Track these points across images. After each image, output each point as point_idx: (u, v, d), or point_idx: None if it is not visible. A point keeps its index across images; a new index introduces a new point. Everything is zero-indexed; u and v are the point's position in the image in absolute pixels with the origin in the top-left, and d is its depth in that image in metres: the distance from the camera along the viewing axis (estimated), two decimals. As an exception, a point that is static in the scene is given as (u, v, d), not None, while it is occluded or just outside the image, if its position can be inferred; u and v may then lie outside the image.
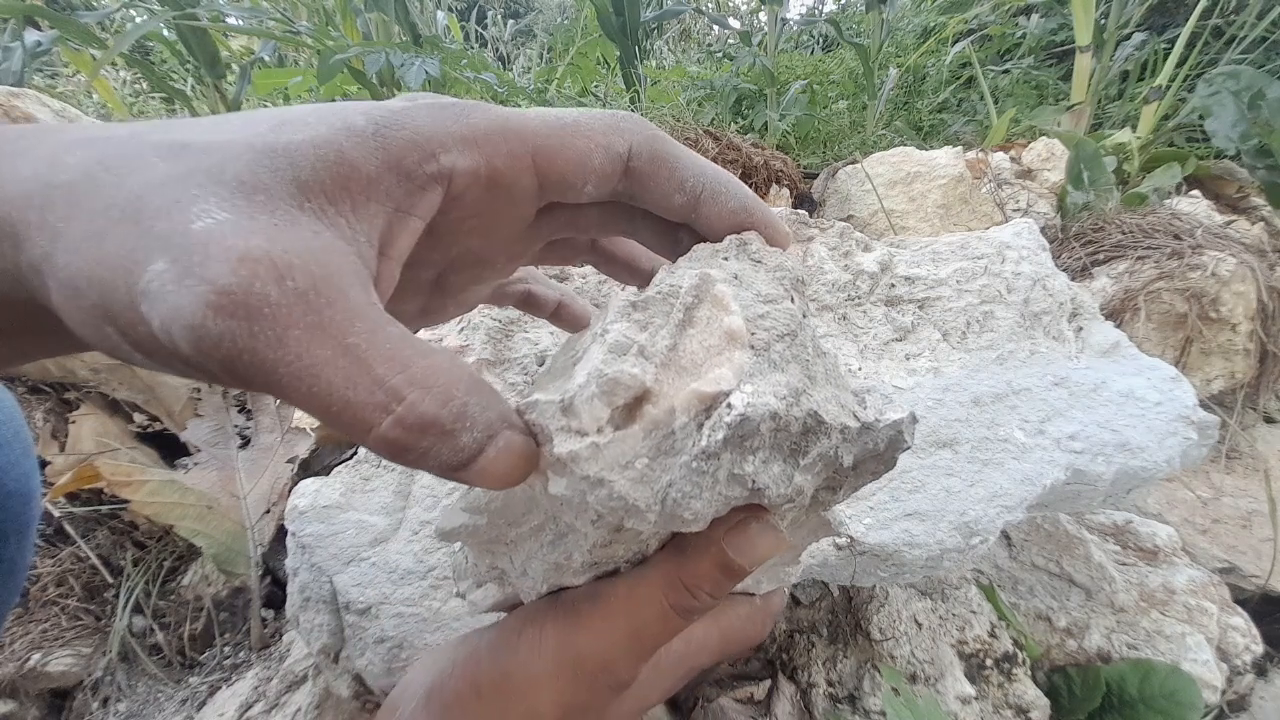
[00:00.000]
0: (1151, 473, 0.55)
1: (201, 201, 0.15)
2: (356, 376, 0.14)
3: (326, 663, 0.53)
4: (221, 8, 1.48)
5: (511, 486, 0.18)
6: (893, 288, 0.65)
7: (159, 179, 0.15)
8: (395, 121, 0.18)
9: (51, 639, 0.70)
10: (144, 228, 0.14)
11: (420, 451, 0.15)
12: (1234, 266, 1.01)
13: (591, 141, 0.20)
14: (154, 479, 0.74)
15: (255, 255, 0.14)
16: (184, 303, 0.13)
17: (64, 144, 0.16)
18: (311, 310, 0.14)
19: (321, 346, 0.14)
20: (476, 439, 0.16)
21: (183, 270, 0.14)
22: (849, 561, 0.49)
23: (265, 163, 0.16)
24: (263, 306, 0.14)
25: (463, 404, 0.16)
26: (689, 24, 3.09)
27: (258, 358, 0.14)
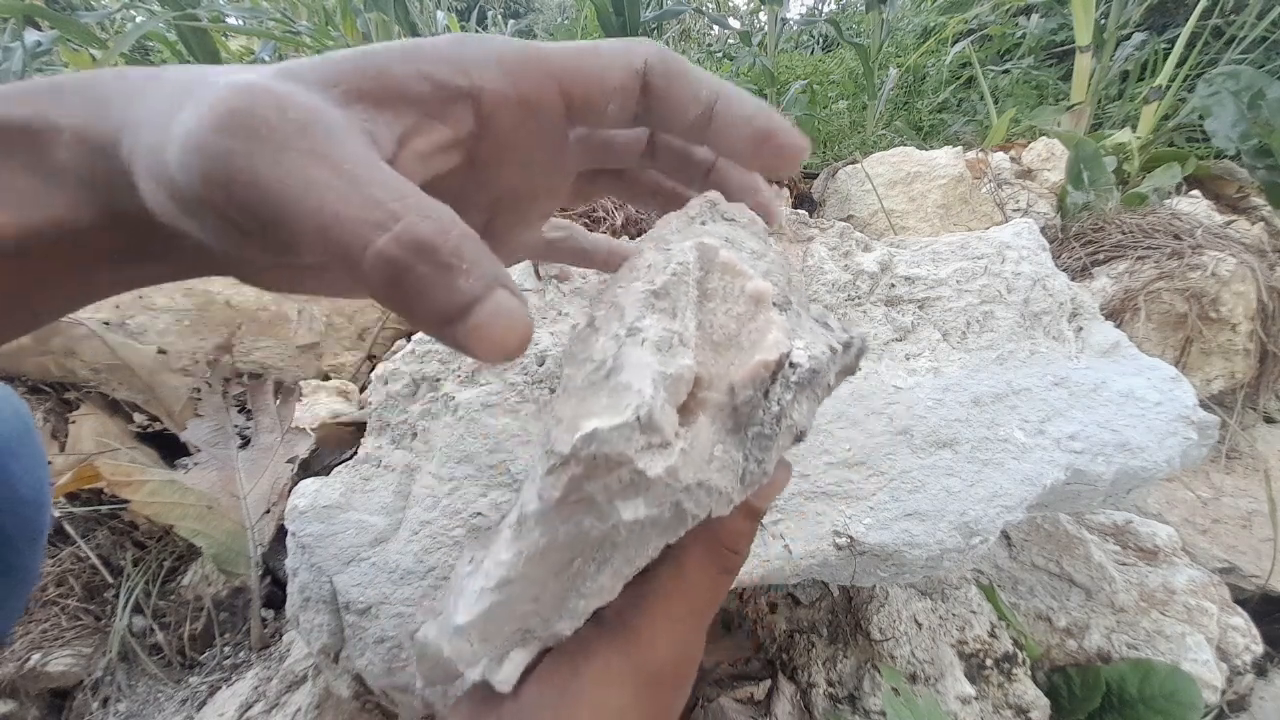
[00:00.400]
0: (1151, 473, 0.55)
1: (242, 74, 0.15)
2: (353, 195, 0.14)
3: (326, 663, 0.53)
4: (221, 8, 1.48)
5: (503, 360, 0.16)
6: (893, 288, 0.65)
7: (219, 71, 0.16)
8: (438, 45, 0.19)
9: (51, 639, 0.70)
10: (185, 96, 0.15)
11: (417, 279, 0.14)
12: (1234, 266, 1.01)
13: (609, 60, 0.21)
14: (154, 479, 0.74)
15: (259, 87, 0.15)
16: (192, 125, 0.14)
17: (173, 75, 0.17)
18: (309, 138, 0.14)
19: (318, 168, 0.14)
20: (473, 286, 0.15)
21: (200, 102, 0.14)
22: (849, 561, 0.49)
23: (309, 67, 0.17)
24: (261, 128, 0.14)
25: (459, 240, 0.15)
26: (689, 24, 3.09)
27: (256, 176, 0.14)
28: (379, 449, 0.56)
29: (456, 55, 0.19)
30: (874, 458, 0.52)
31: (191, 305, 0.86)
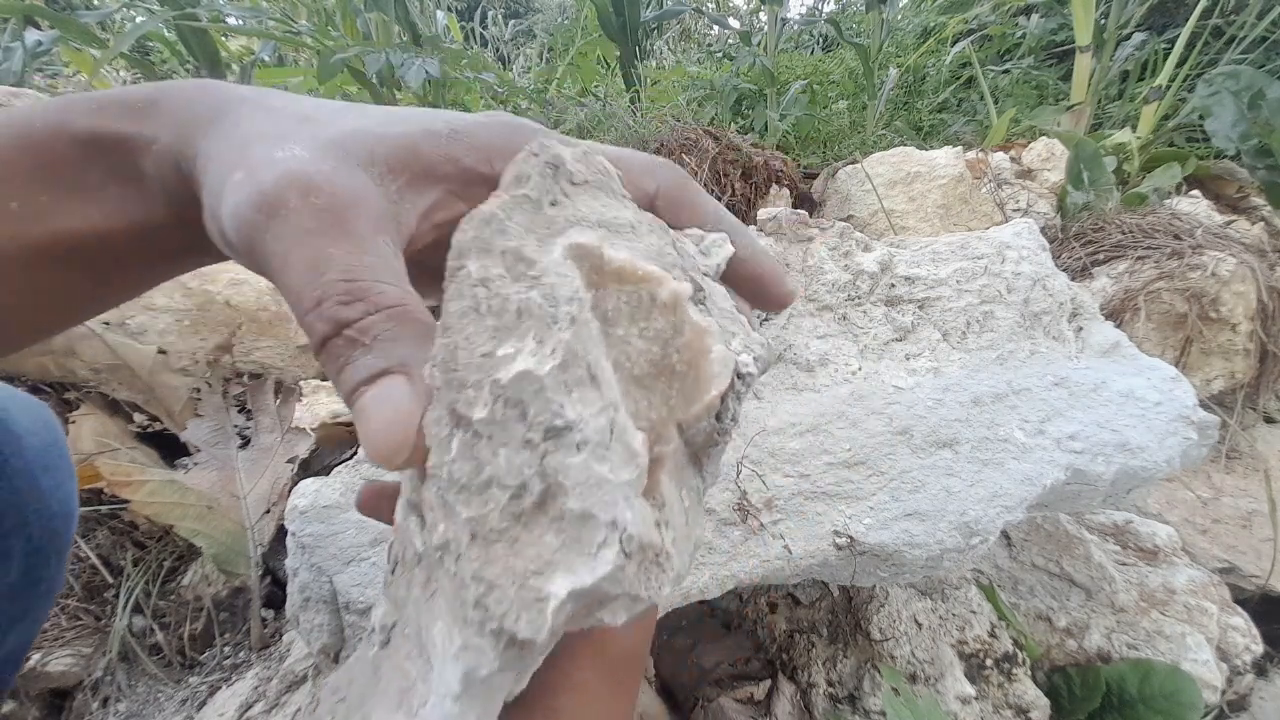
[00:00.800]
0: (1151, 473, 0.55)
1: (294, 146, 0.19)
2: (314, 275, 0.17)
3: (326, 663, 0.53)
4: (221, 8, 1.48)
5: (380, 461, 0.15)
6: (893, 288, 0.65)
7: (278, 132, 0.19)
8: (467, 130, 0.21)
9: (51, 639, 0.70)
10: (245, 154, 0.18)
11: (332, 352, 0.17)
12: (1234, 266, 1.01)
13: (627, 176, 0.23)
14: (154, 479, 0.74)
15: (297, 175, 0.18)
16: (238, 200, 0.17)
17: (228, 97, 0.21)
18: (318, 222, 0.17)
19: (305, 249, 0.17)
20: (371, 363, 0.16)
21: (249, 175, 0.18)
22: (849, 561, 0.49)
23: (355, 140, 0.20)
24: (283, 209, 0.17)
25: (372, 323, 0.17)
26: (689, 24, 3.09)
27: (265, 248, 0.17)
28: (379, 449, 0.55)
29: (490, 146, 0.21)
30: (874, 458, 0.52)
31: (191, 305, 0.86)
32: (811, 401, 0.57)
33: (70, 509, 0.44)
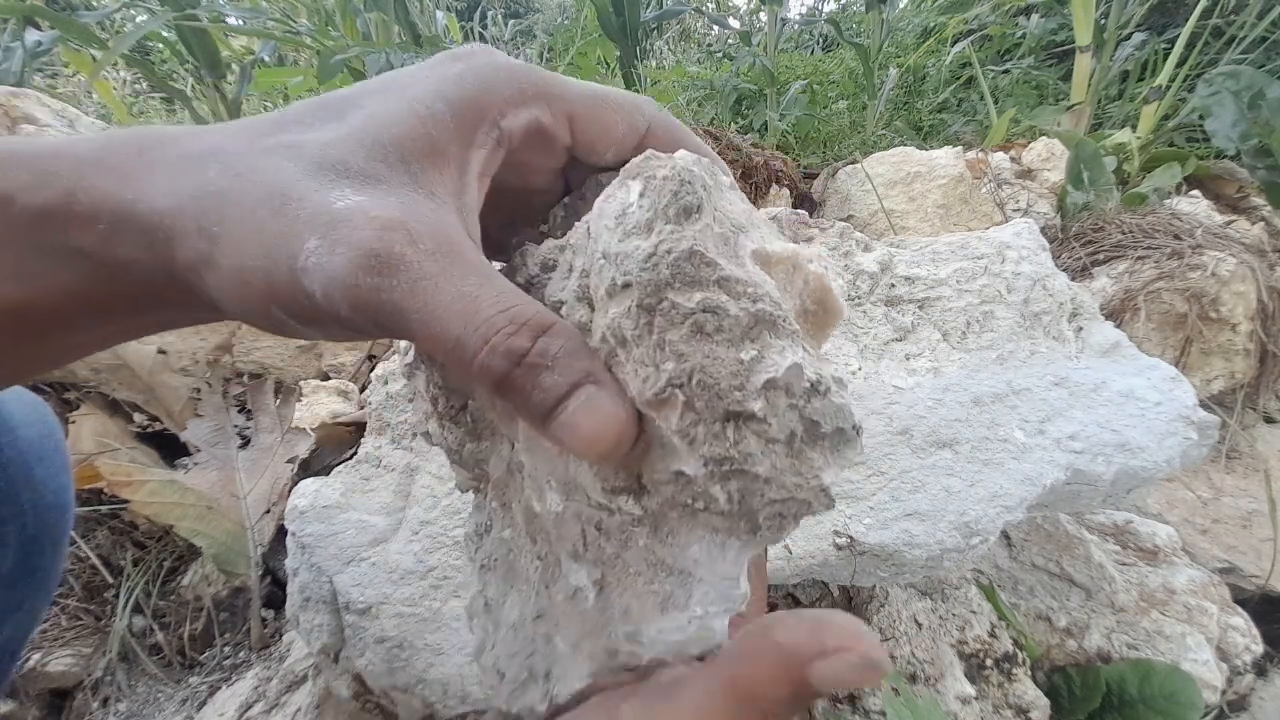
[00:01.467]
0: (1151, 473, 0.55)
1: (337, 189, 0.18)
2: (468, 317, 0.17)
3: (326, 663, 0.53)
4: (221, 8, 1.48)
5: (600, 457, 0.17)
6: (893, 288, 0.65)
7: (294, 176, 0.18)
8: (465, 98, 0.20)
9: (51, 639, 0.70)
10: (292, 216, 0.17)
11: (515, 383, 0.17)
12: (1234, 266, 1.01)
13: (618, 115, 0.23)
14: (154, 479, 0.74)
15: (394, 223, 0.17)
16: (339, 268, 0.17)
17: (193, 157, 0.19)
18: (438, 265, 0.17)
19: (443, 292, 0.17)
20: (558, 382, 0.17)
21: (333, 241, 0.17)
22: (849, 561, 0.49)
23: (378, 155, 0.19)
24: (400, 263, 0.17)
25: (546, 343, 0.17)
26: (689, 24, 3.09)
27: (397, 306, 0.17)
28: (379, 449, 0.56)
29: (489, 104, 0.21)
30: (874, 458, 0.52)
31: (191, 305, 0.86)
32: (811, 401, 0.57)
33: (66, 500, 0.44)
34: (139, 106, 2.72)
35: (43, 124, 0.97)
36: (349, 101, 0.20)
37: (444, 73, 0.21)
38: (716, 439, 0.17)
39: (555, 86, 0.22)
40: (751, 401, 0.17)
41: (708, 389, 0.17)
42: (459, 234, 0.19)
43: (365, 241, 0.17)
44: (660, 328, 0.17)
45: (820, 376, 0.17)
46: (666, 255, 0.17)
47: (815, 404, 0.17)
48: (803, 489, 0.17)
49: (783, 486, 0.17)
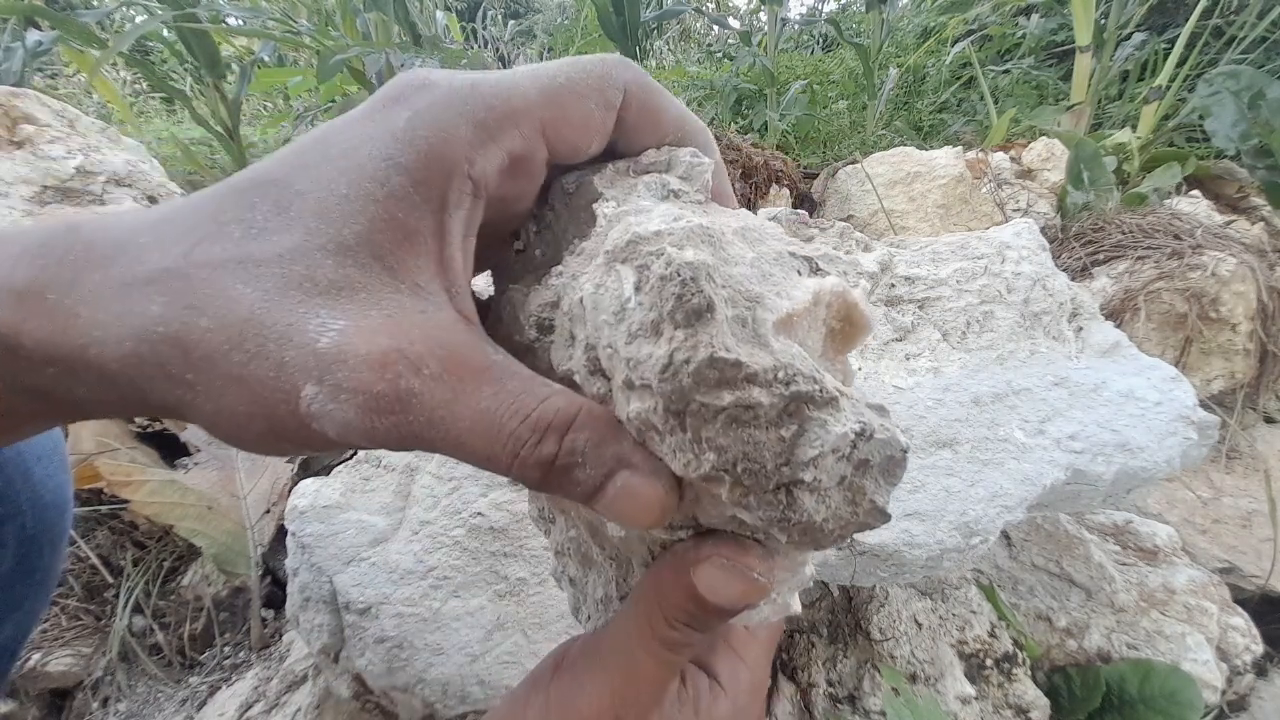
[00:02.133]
0: (1151, 473, 0.55)
1: (313, 315, 0.17)
2: (491, 436, 0.17)
3: (326, 663, 0.53)
4: (221, 8, 1.48)
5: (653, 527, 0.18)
6: (893, 288, 0.65)
7: (258, 305, 0.16)
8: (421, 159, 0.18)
9: (51, 639, 0.70)
10: (275, 360, 0.16)
11: (553, 484, 0.18)
12: (1234, 266, 1.01)
13: (590, 101, 0.20)
14: (154, 479, 0.74)
15: (391, 357, 0.16)
16: (349, 415, 0.16)
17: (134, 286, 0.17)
18: (449, 390, 0.17)
19: (461, 419, 0.17)
20: (590, 476, 0.17)
21: (333, 388, 0.16)
22: (849, 561, 0.49)
23: (348, 260, 0.17)
24: (410, 399, 0.16)
25: (573, 441, 0.17)
26: (689, 24, 3.09)
27: (419, 438, 0.17)
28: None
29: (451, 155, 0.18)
30: (874, 458, 0.52)
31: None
32: (811, 401, 0.57)
33: (64, 499, 0.44)
34: (139, 106, 2.72)
35: (43, 124, 0.97)
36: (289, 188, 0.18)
37: (388, 127, 0.18)
38: (770, 505, 0.17)
39: (516, 99, 0.19)
40: (801, 473, 0.17)
41: (754, 472, 0.17)
42: (458, 335, 0.18)
43: (367, 384, 0.16)
44: (693, 426, 0.17)
45: (864, 424, 0.17)
46: (685, 365, 0.16)
47: (862, 448, 0.17)
48: (859, 515, 0.18)
49: (840, 520, 0.18)
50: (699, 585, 0.19)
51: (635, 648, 0.21)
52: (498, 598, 0.49)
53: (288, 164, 0.18)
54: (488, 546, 0.51)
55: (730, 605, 0.19)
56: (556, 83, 0.20)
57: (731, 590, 0.19)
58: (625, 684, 0.21)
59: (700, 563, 0.19)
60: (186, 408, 0.17)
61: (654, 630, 0.21)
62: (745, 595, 0.19)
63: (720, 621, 0.21)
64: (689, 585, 0.19)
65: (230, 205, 0.18)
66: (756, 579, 0.19)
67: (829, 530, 0.18)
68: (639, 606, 0.21)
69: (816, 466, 0.17)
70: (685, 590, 0.19)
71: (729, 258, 0.18)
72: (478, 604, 0.49)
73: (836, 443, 0.17)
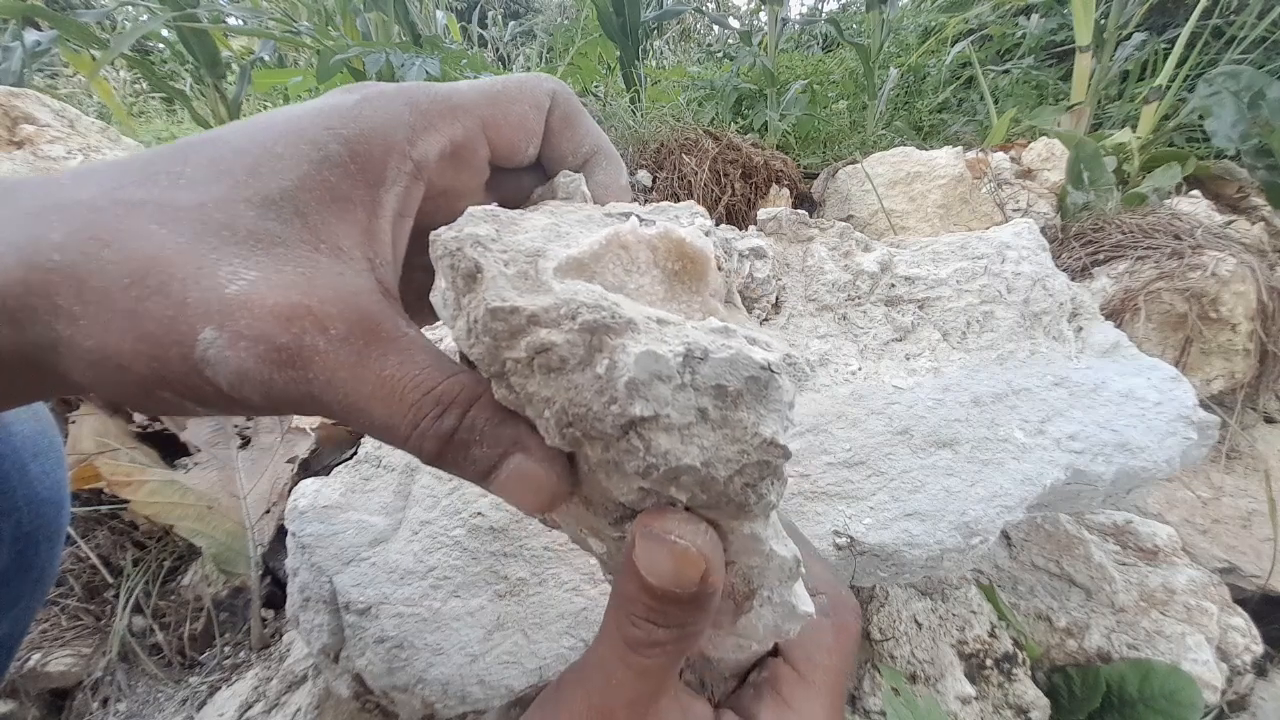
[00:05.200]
0: (1151, 473, 0.55)
1: (225, 262, 0.16)
2: (393, 404, 0.17)
3: (326, 663, 0.53)
4: (221, 8, 1.49)
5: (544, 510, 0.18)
6: (893, 288, 0.65)
7: (170, 245, 0.16)
8: (363, 133, 0.18)
9: (51, 639, 0.70)
10: (177, 299, 0.15)
11: (448, 459, 0.18)
12: (1234, 266, 1.01)
13: (525, 105, 0.22)
14: (154, 479, 0.74)
15: (299, 311, 0.16)
16: (247, 364, 0.15)
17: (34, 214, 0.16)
18: (352, 353, 0.16)
19: (363, 382, 0.16)
20: (487, 454, 0.18)
21: (234, 334, 0.15)
22: (849, 561, 0.49)
23: (271, 212, 0.17)
24: (313, 356, 0.16)
25: (473, 419, 0.17)
26: (689, 24, 3.09)
27: (315, 399, 0.16)
28: (379, 448, 0.56)
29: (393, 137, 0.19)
30: (874, 458, 0.52)
31: (191, 305, 0.86)
32: (811, 401, 0.57)
33: (61, 496, 0.43)
34: (139, 106, 2.72)
35: (42, 124, 0.97)
36: (226, 145, 0.18)
37: (335, 105, 0.19)
38: (630, 454, 0.17)
39: (457, 97, 0.20)
40: (632, 407, 0.16)
41: (590, 419, 0.16)
42: (372, 301, 0.17)
43: (270, 335, 0.15)
44: (518, 386, 0.17)
45: (690, 344, 0.17)
46: (476, 325, 0.17)
47: (705, 371, 0.16)
48: (749, 453, 0.17)
49: (728, 461, 0.17)
50: (640, 568, 0.18)
51: (608, 655, 0.20)
52: (498, 598, 0.49)
53: (232, 128, 0.19)
54: (488, 546, 0.51)
55: (675, 585, 0.18)
56: (494, 88, 0.21)
57: (663, 563, 0.18)
58: (601, 695, 0.20)
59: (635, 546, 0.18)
60: (64, 345, 0.16)
61: (620, 632, 0.19)
62: (679, 568, 0.18)
63: (682, 613, 0.19)
64: (636, 572, 0.18)
65: (164, 158, 0.18)
66: (677, 542, 0.17)
67: (722, 477, 0.17)
68: (608, 612, 0.20)
69: (647, 398, 0.16)
70: (636, 580, 0.18)
71: (518, 229, 0.19)
72: (478, 604, 0.49)
73: (651, 365, 0.16)
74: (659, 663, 0.19)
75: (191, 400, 0.17)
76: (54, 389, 0.18)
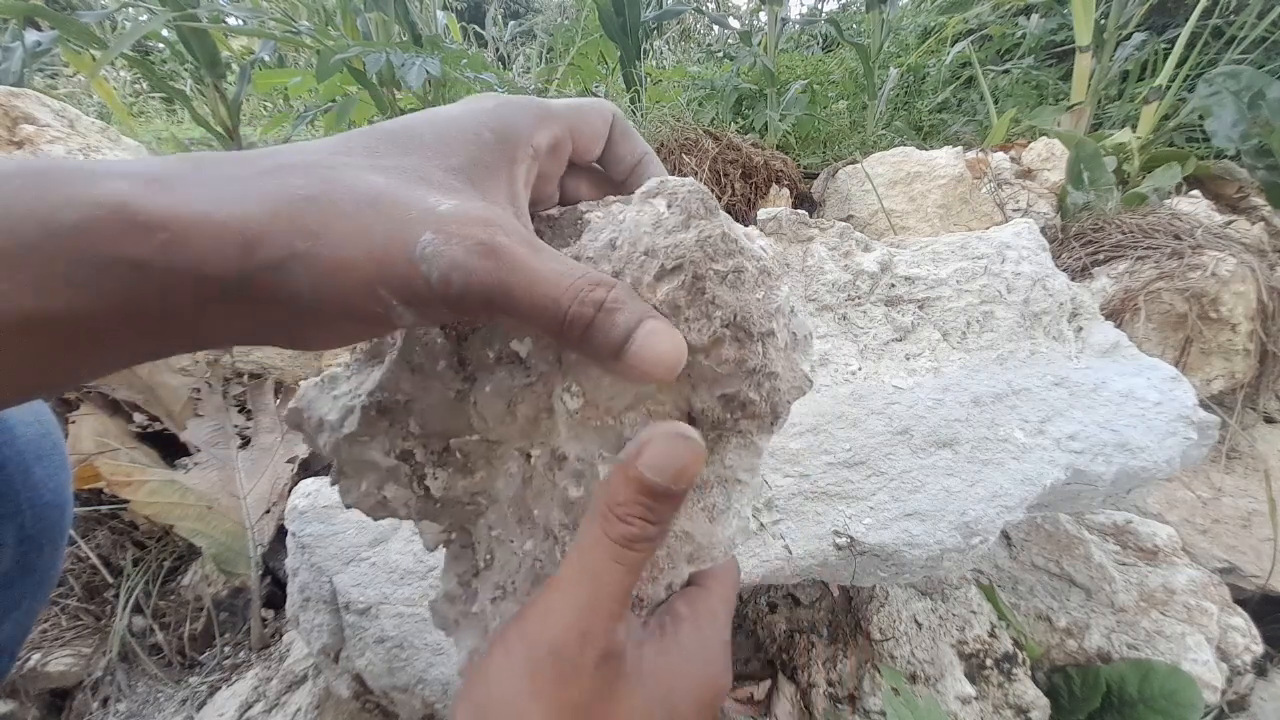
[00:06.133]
0: (1151, 473, 0.55)
1: (433, 195, 0.22)
2: (562, 282, 0.21)
3: (326, 663, 0.53)
4: (221, 8, 1.48)
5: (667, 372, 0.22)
6: (893, 288, 0.65)
7: (387, 185, 0.22)
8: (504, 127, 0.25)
9: (51, 639, 0.70)
10: (400, 216, 0.21)
11: (599, 326, 0.22)
12: (1234, 266, 1.01)
13: (597, 119, 0.29)
14: (154, 479, 0.74)
15: (493, 221, 0.21)
16: (459, 255, 0.20)
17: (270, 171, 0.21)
18: (529, 251, 0.21)
19: (539, 271, 0.21)
20: (628, 319, 0.22)
21: (448, 235, 0.20)
22: (849, 561, 0.49)
23: (454, 177, 0.23)
24: (503, 251, 0.21)
25: (616, 294, 0.22)
26: (689, 24, 3.09)
27: (504, 282, 0.21)
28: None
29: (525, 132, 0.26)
30: (874, 458, 0.52)
31: (191, 305, 0.85)
32: (812, 401, 0.57)
33: (64, 499, 0.44)
34: (139, 106, 2.72)
35: (43, 124, 0.97)
36: (407, 133, 0.24)
37: (482, 107, 0.26)
38: (753, 355, 0.24)
39: (555, 109, 0.27)
40: (771, 322, 0.25)
41: (745, 324, 0.24)
42: (529, 230, 0.23)
43: (475, 234, 0.21)
44: (709, 289, 0.24)
45: (793, 305, 0.26)
46: (708, 239, 0.24)
47: (794, 321, 0.26)
48: (796, 378, 0.26)
49: (788, 379, 0.25)
50: (643, 469, 0.23)
51: (593, 558, 0.23)
52: (498, 598, 0.49)
53: (402, 123, 0.24)
54: (488, 546, 0.51)
55: (673, 481, 0.23)
56: (578, 104, 0.29)
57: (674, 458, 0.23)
58: (591, 595, 0.23)
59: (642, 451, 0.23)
60: (298, 259, 0.20)
61: (608, 532, 0.23)
62: (686, 463, 0.23)
63: (670, 507, 0.23)
64: (635, 477, 0.23)
65: (357, 141, 0.23)
66: (690, 439, 0.23)
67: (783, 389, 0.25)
68: (592, 522, 0.24)
69: (777, 321, 0.25)
70: (633, 484, 0.23)
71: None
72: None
73: (786, 303, 0.26)
74: (641, 557, 0.24)
75: (403, 298, 0.21)
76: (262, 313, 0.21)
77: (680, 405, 0.26)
